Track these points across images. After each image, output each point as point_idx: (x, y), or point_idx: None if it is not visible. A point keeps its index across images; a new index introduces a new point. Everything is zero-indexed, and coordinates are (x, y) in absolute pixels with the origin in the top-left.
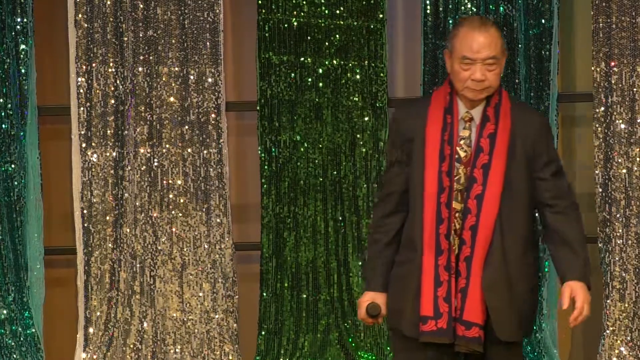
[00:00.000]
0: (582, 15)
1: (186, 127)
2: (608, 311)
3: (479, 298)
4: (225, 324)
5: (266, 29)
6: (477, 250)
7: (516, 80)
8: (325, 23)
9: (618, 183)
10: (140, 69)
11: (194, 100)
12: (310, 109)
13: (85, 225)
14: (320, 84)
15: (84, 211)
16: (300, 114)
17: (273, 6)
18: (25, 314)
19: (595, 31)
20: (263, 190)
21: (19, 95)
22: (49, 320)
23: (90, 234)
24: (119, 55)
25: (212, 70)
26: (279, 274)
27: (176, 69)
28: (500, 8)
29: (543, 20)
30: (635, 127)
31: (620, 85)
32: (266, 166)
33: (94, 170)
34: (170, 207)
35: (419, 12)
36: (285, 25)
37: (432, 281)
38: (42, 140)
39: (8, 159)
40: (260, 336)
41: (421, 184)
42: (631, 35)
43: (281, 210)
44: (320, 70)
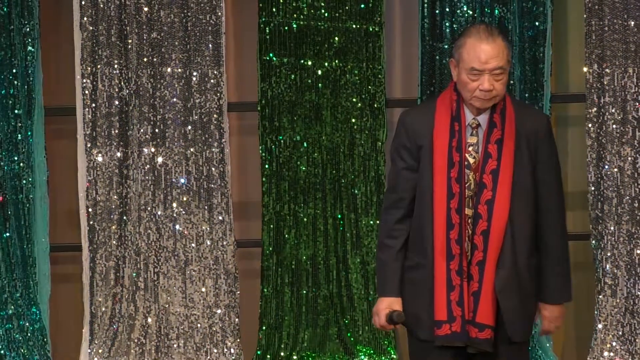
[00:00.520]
0: (575, 18)
1: (189, 127)
2: (600, 307)
3: (491, 300)
4: (227, 319)
5: (267, 31)
6: (490, 255)
7: (511, 82)
8: (325, 26)
9: (610, 182)
10: (144, 71)
11: (197, 100)
12: (310, 110)
13: (91, 223)
14: (319, 85)
15: (89, 209)
16: (300, 114)
17: (274, 9)
18: (33, 309)
19: (588, 33)
20: (264, 189)
21: (26, 96)
22: (55, 315)
23: (95, 232)
24: (124, 57)
25: (214, 72)
26: (279, 271)
27: (179, 70)
28: (496, 11)
29: (537, 23)
30: (627, 127)
31: (612, 86)
32: (267, 165)
33: (99, 169)
34: (174, 205)
35: (416, 15)
36: (286, 28)
37: (445, 286)
38: (48, 140)
39: (15, 159)
40: (261, 331)
41: (430, 190)
42: (623, 38)
43: (281, 208)
44: (319, 72)
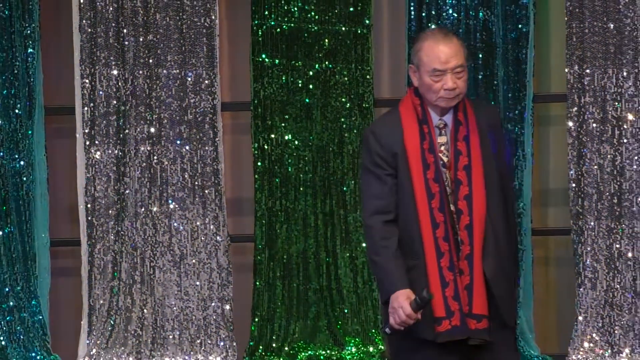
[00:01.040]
0: (557, 20)
1: (184, 126)
2: (580, 299)
3: (483, 291)
4: (220, 312)
5: (259, 33)
6: (476, 247)
7: (495, 82)
8: (315, 28)
9: (590, 179)
10: (140, 72)
11: (192, 100)
12: (300, 109)
13: (89, 218)
14: (310, 86)
15: (88, 205)
16: (292, 113)
17: (266, 12)
18: (33, 302)
19: (569, 36)
20: (256, 186)
21: (27, 96)
22: (54, 308)
23: (93, 227)
24: (121, 59)
25: (209, 73)
26: (271, 265)
27: (175, 71)
28: (480, 14)
29: (520, 25)
30: (606, 126)
31: (592, 87)
32: (259, 163)
33: (97, 166)
34: (169, 202)
35: (403, 18)
36: (278, 31)
37: (439, 283)
38: (49, 138)
39: (17, 156)
40: (253, 323)
41: (411, 194)
42: (603, 40)
43: (273, 204)
44: (310, 73)
